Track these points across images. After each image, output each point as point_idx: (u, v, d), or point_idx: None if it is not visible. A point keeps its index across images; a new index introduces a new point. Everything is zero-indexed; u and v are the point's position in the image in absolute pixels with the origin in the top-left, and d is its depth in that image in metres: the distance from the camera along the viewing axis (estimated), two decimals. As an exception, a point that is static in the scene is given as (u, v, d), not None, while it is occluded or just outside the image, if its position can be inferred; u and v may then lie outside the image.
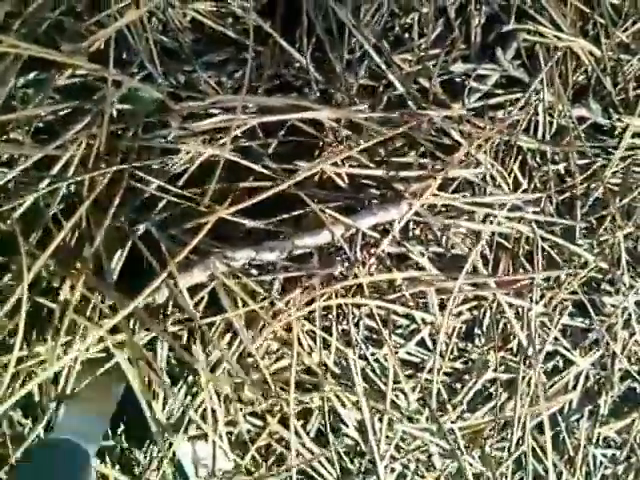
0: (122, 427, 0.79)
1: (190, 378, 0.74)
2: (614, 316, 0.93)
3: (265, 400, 0.74)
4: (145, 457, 0.78)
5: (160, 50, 0.77)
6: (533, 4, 0.91)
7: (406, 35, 0.88)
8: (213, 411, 0.72)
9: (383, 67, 0.81)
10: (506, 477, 0.87)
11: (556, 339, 0.91)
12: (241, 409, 0.74)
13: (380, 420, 0.78)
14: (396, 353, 0.79)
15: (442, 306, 0.82)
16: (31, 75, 0.73)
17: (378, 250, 0.76)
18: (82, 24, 0.73)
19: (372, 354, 0.80)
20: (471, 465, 0.83)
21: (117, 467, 0.80)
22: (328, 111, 0.77)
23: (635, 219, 0.95)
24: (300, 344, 0.75)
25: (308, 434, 0.79)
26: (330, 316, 0.77)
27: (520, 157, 0.91)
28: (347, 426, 0.78)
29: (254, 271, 0.73)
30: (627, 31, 0.96)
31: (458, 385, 0.87)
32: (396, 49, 0.86)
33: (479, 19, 0.90)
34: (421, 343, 0.85)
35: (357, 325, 0.79)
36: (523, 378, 0.86)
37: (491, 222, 0.85)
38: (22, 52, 0.69)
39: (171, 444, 0.71)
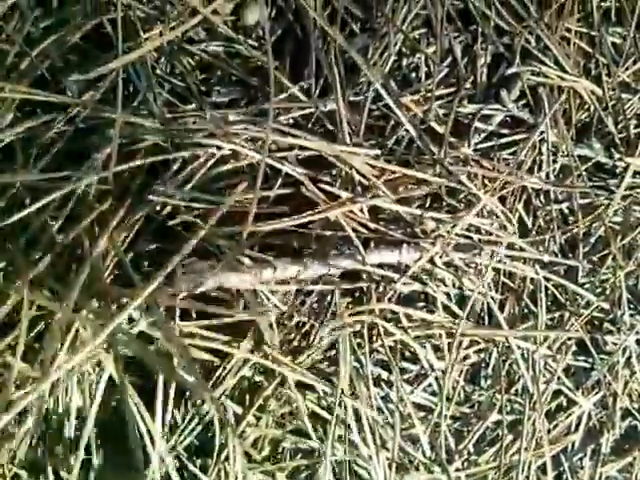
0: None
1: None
2: (615, 355, 0.94)
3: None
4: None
5: (168, 91, 0.77)
6: (537, 44, 0.92)
7: (413, 75, 0.88)
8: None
9: (394, 108, 0.81)
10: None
11: (559, 378, 0.92)
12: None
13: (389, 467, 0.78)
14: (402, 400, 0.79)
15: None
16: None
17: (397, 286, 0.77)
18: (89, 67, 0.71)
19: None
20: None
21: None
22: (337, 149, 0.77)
23: (636, 258, 0.97)
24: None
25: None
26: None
27: (524, 196, 0.92)
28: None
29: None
30: (628, 70, 0.98)
31: (465, 428, 0.87)
32: (403, 89, 0.86)
33: (484, 59, 0.91)
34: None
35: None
36: (528, 419, 0.86)
37: (499, 261, 0.85)
38: (31, 97, 0.67)
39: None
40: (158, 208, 0.73)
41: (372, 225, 0.79)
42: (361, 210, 0.78)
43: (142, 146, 0.72)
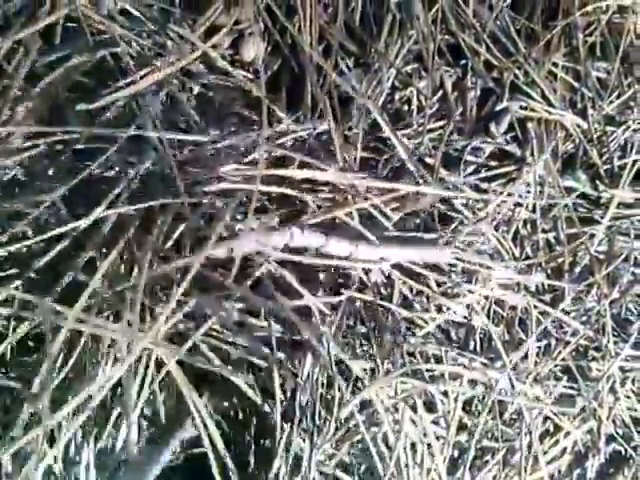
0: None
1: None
2: (600, 382, 0.98)
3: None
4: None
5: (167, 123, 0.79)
6: (525, 78, 0.96)
7: (405, 108, 0.92)
8: None
9: (391, 135, 0.84)
10: None
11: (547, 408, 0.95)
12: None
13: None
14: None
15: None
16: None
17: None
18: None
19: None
20: None
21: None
22: (334, 174, 0.81)
23: (620, 286, 1.01)
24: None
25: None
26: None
27: (512, 226, 0.96)
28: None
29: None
30: (612, 103, 1.02)
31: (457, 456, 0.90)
32: (395, 123, 0.90)
33: (474, 93, 0.95)
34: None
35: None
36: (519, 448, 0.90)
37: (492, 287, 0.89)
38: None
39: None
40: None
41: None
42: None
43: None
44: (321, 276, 0.85)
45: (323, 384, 0.81)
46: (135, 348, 0.70)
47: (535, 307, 0.94)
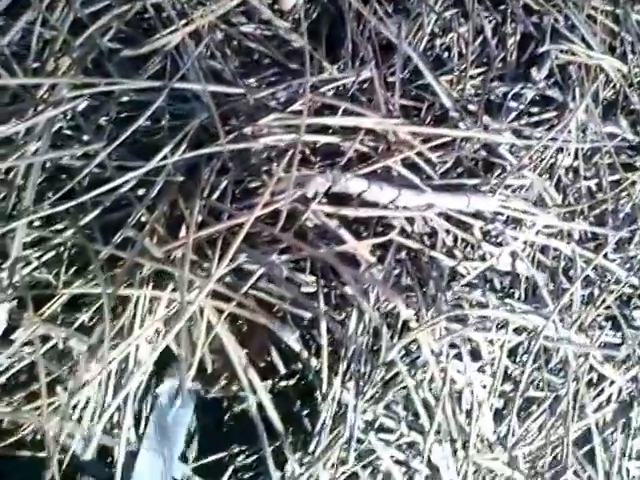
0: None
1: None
2: (644, 329, 0.98)
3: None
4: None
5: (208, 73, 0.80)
6: (565, 22, 0.96)
7: (445, 54, 0.92)
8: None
9: (432, 80, 0.84)
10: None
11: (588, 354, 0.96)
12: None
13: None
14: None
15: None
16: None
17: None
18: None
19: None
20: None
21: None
22: (377, 121, 0.81)
23: (662, 233, 1.01)
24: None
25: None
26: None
27: (555, 174, 0.96)
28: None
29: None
30: (653, 47, 1.01)
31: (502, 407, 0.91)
32: (436, 70, 0.89)
33: (514, 38, 0.94)
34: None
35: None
36: (565, 396, 0.90)
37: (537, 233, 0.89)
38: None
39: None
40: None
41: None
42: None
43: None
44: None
45: (369, 333, 0.81)
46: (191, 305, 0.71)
47: (579, 255, 0.94)
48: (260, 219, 0.76)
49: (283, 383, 0.85)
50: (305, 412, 0.84)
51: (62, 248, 0.76)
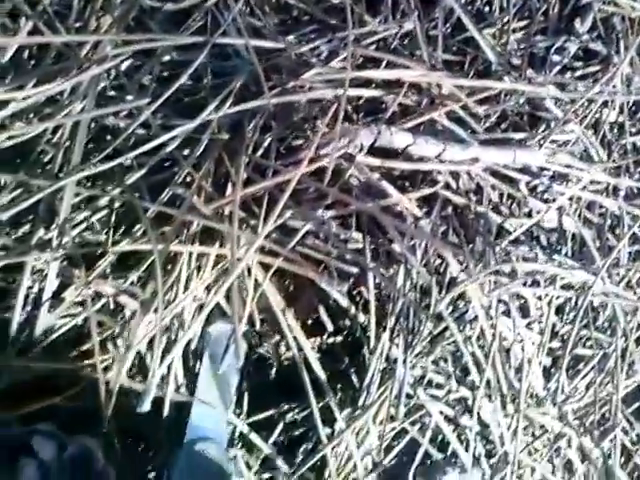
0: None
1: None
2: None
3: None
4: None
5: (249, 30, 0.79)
6: (608, -26, 0.94)
7: (487, 9, 0.91)
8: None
9: (474, 33, 0.83)
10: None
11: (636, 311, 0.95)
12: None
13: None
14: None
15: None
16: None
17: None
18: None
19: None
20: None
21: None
22: (421, 73, 0.80)
23: None
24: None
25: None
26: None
27: (600, 129, 0.94)
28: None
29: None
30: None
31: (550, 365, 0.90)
32: (478, 23, 0.88)
33: (557, -10, 0.93)
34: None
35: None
36: (614, 352, 0.89)
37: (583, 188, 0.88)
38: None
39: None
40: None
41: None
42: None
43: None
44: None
45: (416, 289, 0.81)
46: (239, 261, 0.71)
47: (626, 212, 0.93)
48: (305, 175, 0.75)
49: (330, 340, 0.84)
50: (353, 369, 0.83)
51: (109, 210, 0.76)
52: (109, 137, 0.77)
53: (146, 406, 0.68)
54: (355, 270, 0.77)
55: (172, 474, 0.59)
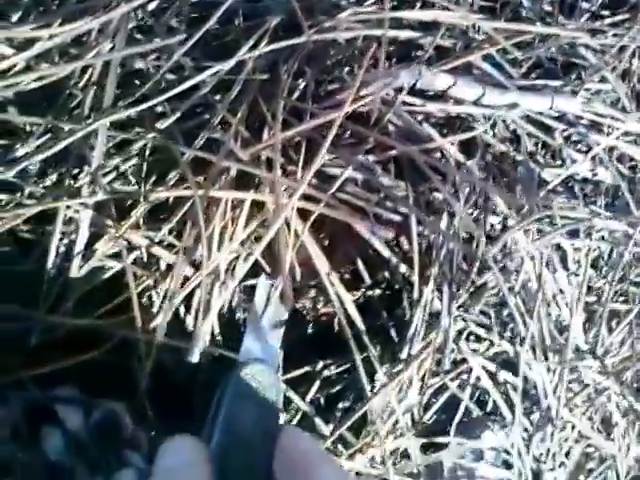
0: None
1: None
2: None
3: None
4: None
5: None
6: None
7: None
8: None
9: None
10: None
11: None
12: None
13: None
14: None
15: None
16: None
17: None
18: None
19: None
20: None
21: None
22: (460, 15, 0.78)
23: None
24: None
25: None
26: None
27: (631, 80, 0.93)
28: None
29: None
30: None
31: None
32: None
33: None
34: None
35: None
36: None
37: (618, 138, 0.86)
38: None
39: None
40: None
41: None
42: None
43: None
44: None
45: (459, 239, 0.78)
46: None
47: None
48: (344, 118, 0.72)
49: (369, 293, 0.81)
50: (392, 323, 0.80)
51: (140, 158, 0.73)
52: (137, 82, 0.73)
53: (196, 356, 0.64)
54: (397, 217, 0.74)
55: (224, 393, 0.56)
